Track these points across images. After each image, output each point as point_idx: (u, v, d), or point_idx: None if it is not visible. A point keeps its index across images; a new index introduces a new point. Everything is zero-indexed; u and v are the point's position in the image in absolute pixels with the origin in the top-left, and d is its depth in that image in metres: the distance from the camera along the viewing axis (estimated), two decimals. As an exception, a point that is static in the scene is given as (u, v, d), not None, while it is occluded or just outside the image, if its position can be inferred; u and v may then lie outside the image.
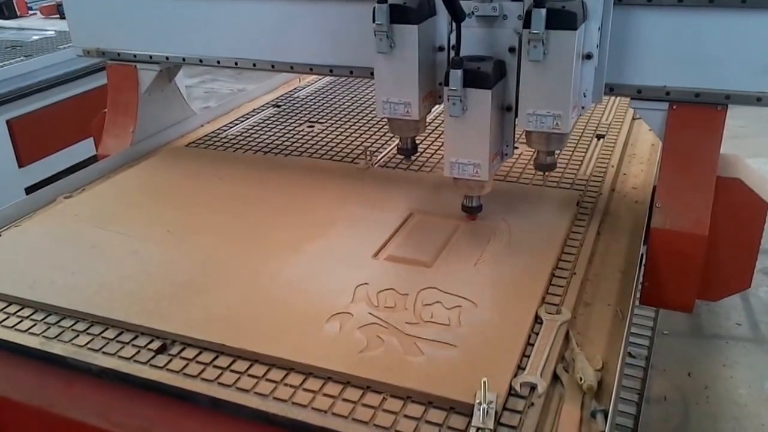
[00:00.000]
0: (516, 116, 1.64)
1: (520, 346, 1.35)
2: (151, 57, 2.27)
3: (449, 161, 1.62)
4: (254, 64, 2.12)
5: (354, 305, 1.47)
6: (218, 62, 2.16)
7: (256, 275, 1.58)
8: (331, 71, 2.06)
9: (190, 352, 1.37)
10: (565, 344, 1.39)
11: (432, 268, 1.60)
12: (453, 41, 1.60)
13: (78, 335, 1.43)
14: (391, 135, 2.27)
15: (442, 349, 1.34)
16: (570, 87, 1.51)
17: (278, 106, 2.84)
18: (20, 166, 3.10)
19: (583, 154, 2.19)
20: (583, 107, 1.67)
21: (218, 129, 2.57)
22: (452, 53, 1.64)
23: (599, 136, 2.28)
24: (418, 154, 2.00)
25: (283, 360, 1.32)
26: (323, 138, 2.46)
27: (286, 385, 1.28)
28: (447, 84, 1.52)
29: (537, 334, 1.39)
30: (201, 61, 2.19)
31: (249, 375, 1.31)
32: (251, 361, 1.34)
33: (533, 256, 1.63)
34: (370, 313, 1.44)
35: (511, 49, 1.59)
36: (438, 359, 1.31)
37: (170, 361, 1.35)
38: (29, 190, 3.03)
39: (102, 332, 1.43)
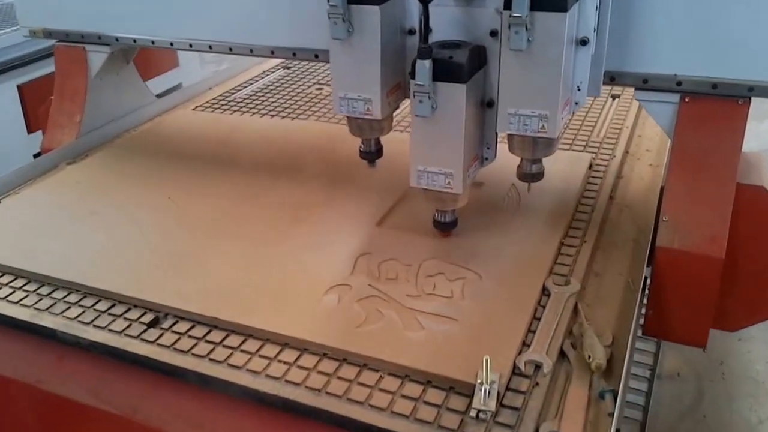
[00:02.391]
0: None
1: (526, 321, 1.22)
2: (100, 38, 1.97)
3: (416, 169, 1.31)
4: (210, 47, 1.82)
5: (354, 277, 1.35)
6: (171, 44, 1.87)
7: (256, 244, 1.47)
8: (294, 54, 1.72)
9: (182, 326, 1.26)
10: (574, 318, 1.26)
11: (437, 236, 1.47)
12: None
13: (70, 307, 1.33)
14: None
15: (442, 323, 1.22)
16: (559, 81, 1.20)
17: (288, 68, 2.69)
18: (29, 132, 2.96)
19: (597, 115, 2.02)
20: (576, 103, 1.33)
21: (226, 92, 2.43)
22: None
23: (614, 96, 2.10)
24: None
25: (277, 335, 1.21)
26: (332, 101, 2.30)
27: (279, 361, 1.17)
28: (413, 77, 1.22)
29: (544, 307, 1.27)
30: (153, 42, 1.89)
31: (242, 350, 1.20)
32: (245, 335, 1.23)
33: (542, 224, 1.50)
34: (370, 285, 1.32)
35: (493, 33, 1.27)
36: (438, 335, 1.19)
37: (161, 335, 1.25)
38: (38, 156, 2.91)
39: (94, 304, 1.33)
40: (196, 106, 2.28)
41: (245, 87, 2.48)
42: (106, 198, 1.68)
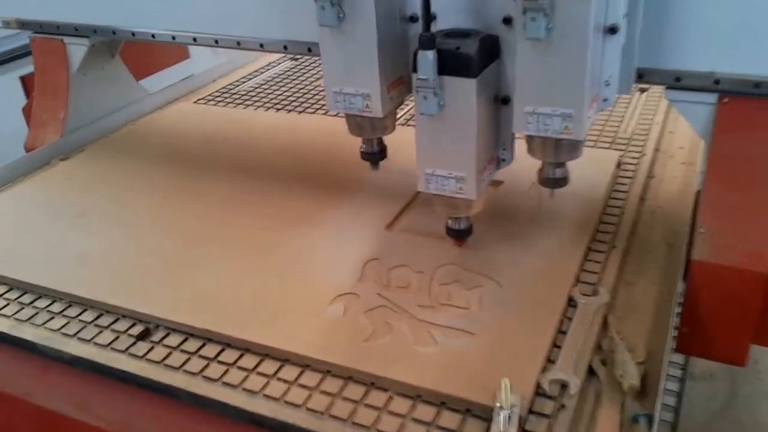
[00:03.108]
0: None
1: (550, 335, 1.12)
2: (77, 29, 1.83)
3: (424, 172, 1.18)
4: (194, 39, 1.67)
5: (361, 284, 1.25)
6: (153, 36, 1.72)
7: (255, 248, 1.37)
8: (285, 48, 1.57)
9: (174, 339, 1.17)
10: (603, 331, 1.15)
11: (452, 241, 1.37)
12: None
13: (53, 317, 1.24)
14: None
15: (458, 337, 1.12)
16: (585, 74, 1.04)
17: (296, 59, 2.59)
18: (33, 123, 2.88)
19: (624, 109, 1.90)
20: (605, 100, 1.17)
21: (230, 84, 2.33)
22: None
23: (642, 90, 1.99)
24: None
25: (276, 350, 1.12)
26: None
27: (279, 379, 1.08)
28: (415, 70, 1.09)
29: (570, 319, 1.16)
30: (133, 35, 1.74)
31: (238, 367, 1.11)
32: (241, 350, 1.14)
33: (567, 227, 1.39)
34: (378, 294, 1.22)
35: (507, 20, 1.12)
36: (453, 350, 1.09)
37: (151, 349, 1.16)
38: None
39: (79, 314, 1.25)
40: (198, 99, 2.19)
41: (250, 79, 2.39)
42: (95, 197, 1.60)
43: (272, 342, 1.12)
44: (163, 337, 1.18)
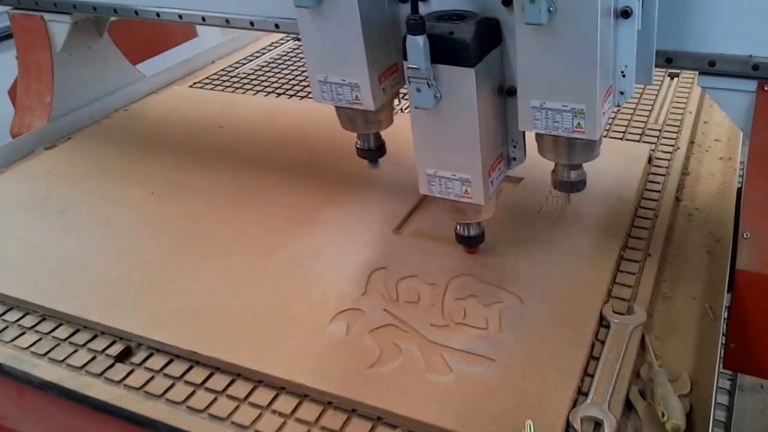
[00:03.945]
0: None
1: (581, 362, 0.97)
2: (56, 5, 1.67)
3: (424, 173, 1.05)
4: (180, 17, 1.52)
5: (367, 298, 1.11)
6: (136, 13, 1.56)
7: (251, 252, 1.23)
8: (252, 24, 1.42)
9: (157, 361, 1.04)
10: (641, 356, 1.01)
11: (466, 246, 1.23)
12: None
13: (24, 333, 1.11)
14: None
15: (475, 363, 0.98)
16: (595, 64, 0.90)
17: (299, 39, 2.42)
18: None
19: (653, 97, 1.74)
20: (622, 93, 1.02)
21: (229, 66, 2.17)
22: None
23: (672, 75, 1.82)
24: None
25: (272, 377, 0.98)
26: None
27: (273, 412, 0.94)
28: (405, 58, 0.95)
29: (602, 342, 1.02)
30: (116, 11, 1.58)
31: (227, 396, 0.97)
32: (232, 375, 1.00)
33: (595, 231, 1.24)
34: (385, 310, 1.08)
35: (506, 1, 0.98)
36: (470, 380, 0.95)
37: (131, 372, 1.02)
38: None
39: (53, 330, 1.11)
40: (195, 83, 2.03)
41: (251, 61, 2.22)
42: (79, 193, 1.45)
43: (267, 368, 0.98)
44: (146, 358, 1.04)
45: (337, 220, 1.31)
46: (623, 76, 1.01)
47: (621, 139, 1.55)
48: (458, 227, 1.17)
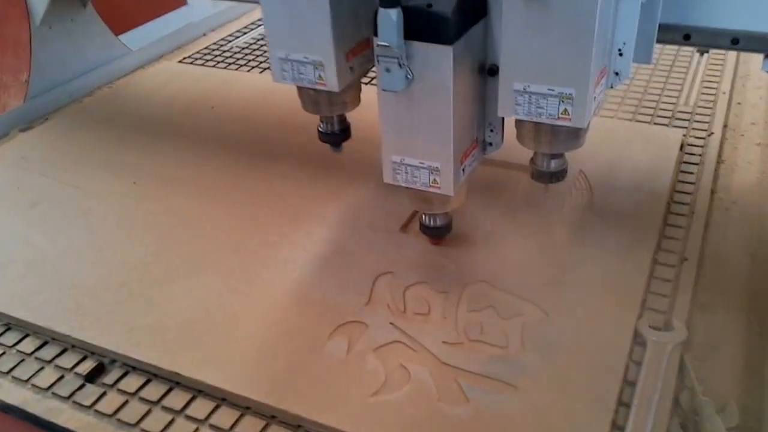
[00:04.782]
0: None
1: (615, 389, 0.84)
2: None
3: (390, 160, 0.94)
4: None
5: (371, 309, 0.97)
6: None
7: (241, 255, 1.09)
8: None
9: (132, 381, 0.91)
10: (680, 379, 0.88)
11: (481, 247, 1.09)
12: None
13: (-15, 347, 0.98)
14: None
15: (495, 391, 0.84)
16: (591, 42, 0.78)
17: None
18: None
19: (682, 76, 1.58)
20: (617, 74, 0.90)
21: (221, 40, 2.00)
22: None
23: (702, 51, 1.65)
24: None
25: (261, 404, 0.85)
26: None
27: (262, 446, 0.82)
28: (376, 34, 0.83)
29: (638, 363, 0.89)
30: None
31: (211, 426, 0.84)
32: (216, 400, 0.87)
33: (625, 230, 1.09)
34: (391, 324, 0.95)
35: None
36: (489, 411, 0.82)
37: (103, 395, 0.89)
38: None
39: (17, 343, 0.98)
40: (184, 57, 1.87)
41: (245, 33, 2.05)
42: (54, 182, 1.30)
43: (255, 393, 0.85)
44: (120, 378, 0.91)
45: (338, 216, 1.17)
46: (620, 54, 0.89)
47: (650, 122, 1.40)
48: (423, 216, 1.06)
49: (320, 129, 1.12)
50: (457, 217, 1.14)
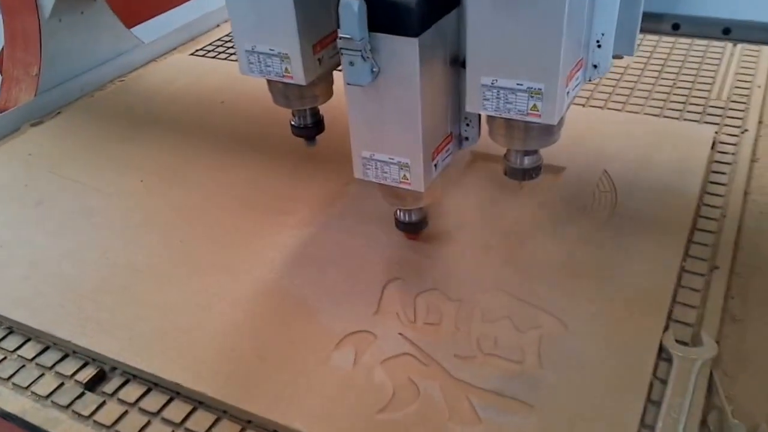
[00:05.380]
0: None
1: (638, 411, 0.78)
2: None
3: (359, 156, 0.90)
4: None
5: (379, 319, 0.92)
6: None
7: (246, 259, 1.04)
8: None
9: (132, 390, 0.87)
10: (709, 398, 0.82)
11: (498, 250, 1.03)
12: None
13: (-14, 352, 0.95)
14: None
15: (509, 410, 0.79)
16: (561, 33, 0.73)
17: None
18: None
19: (714, 68, 1.49)
20: (595, 66, 0.85)
21: (237, 30, 1.96)
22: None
23: (735, 41, 1.56)
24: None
25: (264, 420, 0.81)
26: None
27: (263, 462, 0.78)
28: (338, 26, 0.79)
29: (663, 381, 0.83)
30: None
31: (210, 440, 0.81)
32: (217, 412, 0.84)
33: (651, 236, 1.03)
34: (401, 335, 0.90)
35: None
36: None
37: (102, 405, 0.86)
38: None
39: (20, 347, 0.95)
40: (196, 50, 1.82)
41: (261, 23, 2.00)
42: (60, 180, 1.27)
43: (256, 407, 0.81)
44: (120, 386, 0.88)
45: (344, 217, 1.12)
46: (599, 46, 0.84)
47: (678, 119, 1.32)
48: (398, 212, 1.02)
49: (292, 123, 1.10)
50: (472, 219, 1.08)
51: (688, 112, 1.34)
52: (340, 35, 0.77)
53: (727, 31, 0.91)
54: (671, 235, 1.03)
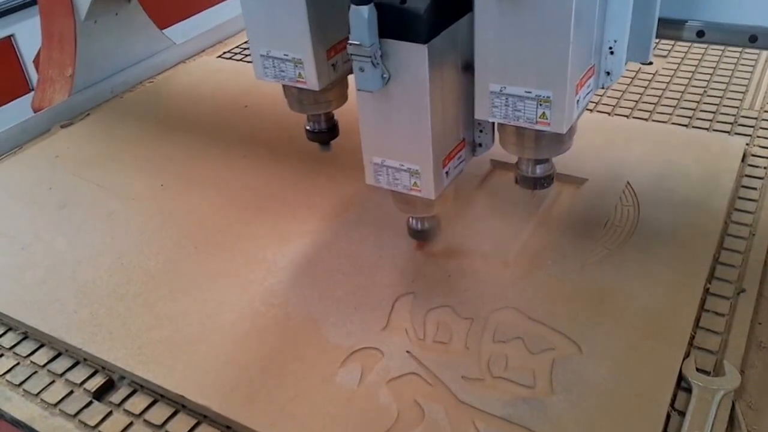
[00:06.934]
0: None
1: (654, 443, 0.73)
2: None
3: (371, 162, 0.87)
4: None
5: (387, 335, 0.88)
6: None
7: (258, 268, 1.01)
8: None
9: (139, 401, 0.85)
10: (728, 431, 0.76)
11: (514, 267, 0.97)
12: None
13: (2, 355, 0.93)
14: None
15: (518, 437, 0.75)
16: (568, 40, 0.69)
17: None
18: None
19: (747, 76, 1.40)
20: (608, 73, 0.81)
21: (266, 32, 1.93)
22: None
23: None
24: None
25: (264, 436, 0.78)
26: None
27: (263, 483, 0.75)
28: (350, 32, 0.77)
29: (681, 414, 0.77)
30: None
31: (212, 456, 0.78)
32: (221, 427, 0.81)
33: (674, 255, 0.96)
34: (408, 353, 0.86)
35: None
36: (510, 461, 0.72)
37: (108, 415, 0.84)
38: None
39: (33, 353, 0.93)
40: (224, 52, 1.80)
41: (290, 25, 1.97)
42: (83, 183, 1.26)
43: (259, 425, 0.78)
44: (127, 396, 0.86)
45: (360, 226, 1.08)
46: (611, 53, 0.80)
47: (707, 129, 1.24)
48: (410, 219, 0.99)
49: (307, 128, 1.07)
50: (489, 232, 1.03)
51: (718, 122, 1.26)
52: (350, 41, 0.75)
53: (753, 38, 0.85)
54: (695, 254, 0.96)
